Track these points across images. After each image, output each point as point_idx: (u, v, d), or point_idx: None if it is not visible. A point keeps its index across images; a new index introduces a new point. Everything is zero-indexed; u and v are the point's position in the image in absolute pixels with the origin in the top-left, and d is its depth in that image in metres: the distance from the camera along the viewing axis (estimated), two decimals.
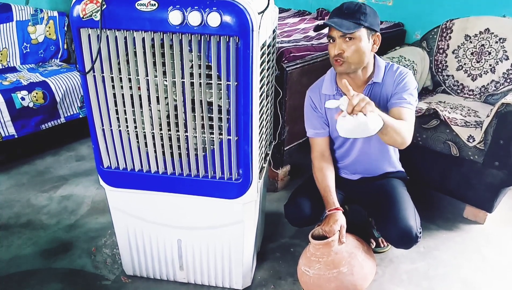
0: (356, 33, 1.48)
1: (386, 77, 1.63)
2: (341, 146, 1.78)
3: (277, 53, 2.05)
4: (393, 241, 1.67)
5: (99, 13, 1.19)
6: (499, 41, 2.41)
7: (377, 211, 1.75)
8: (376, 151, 1.75)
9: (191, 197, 1.49)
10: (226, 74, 1.24)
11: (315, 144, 1.75)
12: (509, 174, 1.91)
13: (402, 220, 1.58)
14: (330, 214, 1.62)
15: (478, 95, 2.50)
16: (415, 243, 1.60)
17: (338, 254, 1.54)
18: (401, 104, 1.56)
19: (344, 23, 1.47)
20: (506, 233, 2.11)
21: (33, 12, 3.05)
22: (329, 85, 1.68)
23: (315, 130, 1.73)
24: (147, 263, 1.72)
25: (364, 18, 1.49)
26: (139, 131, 1.37)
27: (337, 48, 1.51)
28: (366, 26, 1.49)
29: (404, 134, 1.48)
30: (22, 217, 2.16)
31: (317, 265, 1.55)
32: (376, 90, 1.63)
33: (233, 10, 1.15)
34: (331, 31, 1.52)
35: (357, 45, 1.50)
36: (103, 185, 1.52)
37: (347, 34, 1.48)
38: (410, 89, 1.59)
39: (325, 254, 1.55)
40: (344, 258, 1.53)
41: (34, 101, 2.58)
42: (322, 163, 1.73)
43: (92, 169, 2.59)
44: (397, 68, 1.64)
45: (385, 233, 1.68)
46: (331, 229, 1.57)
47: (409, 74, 1.62)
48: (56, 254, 1.90)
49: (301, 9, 3.54)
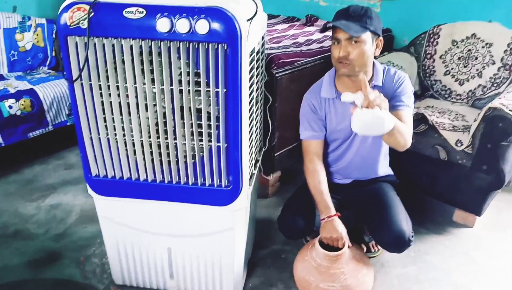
0: (362, 36, 1.50)
1: (386, 81, 1.66)
2: (337, 149, 1.78)
3: (266, 59, 2.06)
4: (386, 246, 1.69)
5: (87, 21, 1.18)
6: (486, 46, 2.44)
7: (369, 216, 1.75)
8: (370, 154, 1.77)
9: (181, 205, 1.48)
10: (215, 81, 1.24)
11: (310, 146, 1.74)
12: (497, 177, 1.93)
13: (395, 224, 1.60)
14: (329, 221, 1.59)
15: (465, 100, 2.53)
16: (408, 247, 1.62)
17: (347, 265, 1.53)
18: (401, 107, 1.60)
19: (351, 26, 1.49)
20: (495, 236, 2.13)
21: (21, 19, 3.02)
22: (328, 88, 1.69)
23: (312, 132, 1.72)
24: (137, 272, 1.71)
25: (370, 22, 1.51)
26: (127, 139, 1.36)
27: (342, 50, 1.52)
28: (372, 30, 1.52)
29: (406, 137, 1.53)
30: (9, 227, 2.13)
31: (326, 277, 1.52)
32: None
33: (221, 18, 1.15)
34: (337, 33, 1.53)
35: (362, 48, 1.52)
36: (91, 193, 1.51)
37: (354, 37, 1.49)
38: (408, 92, 1.64)
39: (334, 265, 1.52)
40: (352, 270, 1.53)
41: (21, 109, 2.55)
42: (316, 166, 1.71)
43: (81, 177, 2.55)
44: (394, 72, 1.68)
45: (378, 238, 1.71)
46: (334, 237, 1.55)
47: (407, 78, 1.67)
48: (45, 264, 1.88)
49: (290, 15, 3.55)
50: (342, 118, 1.69)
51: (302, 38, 2.69)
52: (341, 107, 1.68)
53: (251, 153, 1.53)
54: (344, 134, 1.73)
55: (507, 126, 1.82)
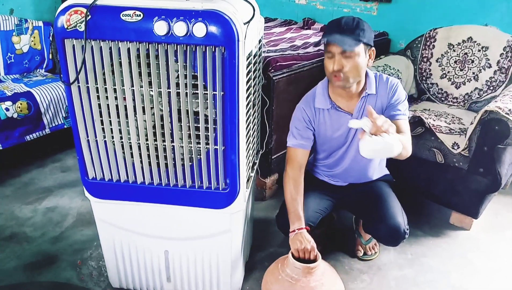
0: (355, 49, 1.50)
1: (379, 88, 1.66)
2: (332, 155, 1.79)
3: (263, 62, 2.06)
4: (382, 238, 1.76)
5: (84, 23, 1.18)
6: (482, 50, 2.45)
7: (365, 212, 1.79)
8: (366, 160, 1.77)
9: (178, 208, 1.48)
10: (212, 84, 1.24)
11: (295, 155, 1.72)
12: (493, 180, 1.94)
13: (390, 217, 1.65)
14: (299, 233, 1.57)
15: (462, 103, 2.54)
16: (403, 239, 1.67)
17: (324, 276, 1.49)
18: (398, 116, 1.63)
19: (345, 40, 1.49)
20: (492, 239, 2.14)
21: (18, 22, 3.02)
22: (322, 99, 1.68)
23: (301, 141, 1.71)
24: (134, 275, 1.70)
25: (363, 34, 1.51)
26: (124, 141, 1.36)
27: (336, 64, 1.52)
28: (365, 42, 1.52)
29: (409, 148, 1.57)
30: (5, 229, 2.12)
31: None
32: (371, 101, 1.65)
33: (218, 21, 1.15)
34: (330, 47, 1.52)
35: (356, 61, 1.52)
36: (88, 196, 1.51)
37: (347, 51, 1.50)
38: (403, 100, 1.66)
39: (312, 277, 1.46)
40: (330, 280, 1.50)
41: (18, 112, 2.54)
42: (296, 176, 1.69)
43: (78, 180, 2.55)
44: (386, 78, 1.68)
45: (374, 231, 1.76)
46: (307, 248, 1.52)
47: (399, 84, 1.68)
48: (41, 267, 1.87)
49: (287, 18, 3.56)
50: (337, 127, 1.70)
51: (299, 41, 2.70)
52: (336, 117, 1.68)
53: (248, 156, 1.53)
54: (339, 142, 1.73)
55: (504, 129, 1.83)
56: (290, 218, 1.63)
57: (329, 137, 1.73)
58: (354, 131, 1.68)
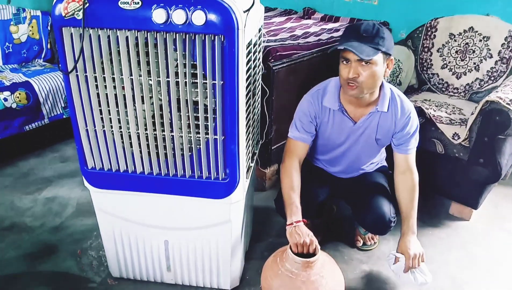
0: (373, 58, 1.44)
1: (391, 108, 1.62)
2: (325, 155, 1.80)
3: (263, 52, 2.04)
4: (368, 227, 1.81)
5: (82, 11, 1.16)
6: (483, 40, 2.43)
7: (354, 201, 1.82)
8: (365, 158, 1.80)
9: (178, 198, 1.47)
10: (211, 73, 1.23)
11: (295, 147, 1.69)
12: (493, 171, 1.94)
13: (376, 207, 1.68)
14: (297, 226, 1.52)
15: (462, 93, 2.53)
16: (389, 228, 1.72)
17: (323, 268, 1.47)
18: (410, 151, 1.67)
19: (364, 49, 1.42)
20: (491, 230, 2.14)
21: (15, 11, 2.99)
22: (332, 99, 1.63)
23: (303, 134, 1.68)
24: (134, 264, 1.71)
25: (382, 42, 1.44)
26: (123, 131, 1.35)
27: (352, 72, 1.46)
28: (383, 51, 1.45)
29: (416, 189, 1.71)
30: (5, 220, 2.12)
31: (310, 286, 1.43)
32: (380, 118, 1.63)
33: (218, 9, 1.14)
34: (347, 54, 1.45)
35: (373, 70, 1.46)
36: (88, 186, 1.50)
37: (365, 59, 1.43)
38: (416, 130, 1.67)
39: (313, 271, 1.45)
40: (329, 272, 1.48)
41: (17, 102, 2.53)
42: (294, 168, 1.66)
43: (77, 170, 2.55)
44: (401, 101, 1.63)
45: (360, 220, 1.80)
46: (306, 242, 1.47)
47: (413, 111, 1.66)
48: (41, 257, 1.87)
49: (287, 8, 3.53)
50: (338, 131, 1.68)
51: (299, 31, 2.68)
52: (339, 120, 1.65)
53: (248, 146, 1.52)
54: (338, 144, 1.73)
55: (504, 120, 1.82)
56: (287, 210, 1.59)
57: (327, 137, 1.72)
58: (353, 137, 1.69)
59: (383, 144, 1.74)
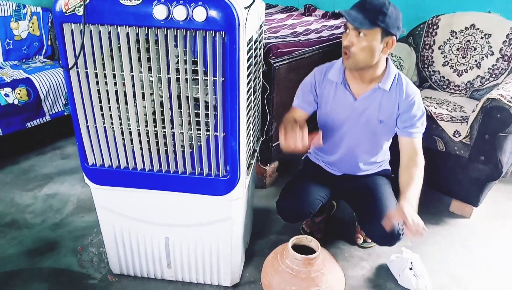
0: (369, 30, 1.44)
1: (394, 88, 1.61)
2: (326, 138, 1.72)
3: (264, 49, 2.04)
4: (376, 240, 1.73)
5: (82, 7, 1.16)
6: (484, 37, 2.43)
7: (360, 209, 1.76)
8: (363, 154, 1.75)
9: (178, 195, 1.47)
10: (212, 70, 1.22)
11: (295, 112, 1.72)
12: (494, 168, 1.94)
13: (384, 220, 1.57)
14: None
15: (463, 91, 2.52)
16: (398, 240, 1.62)
17: (324, 265, 1.49)
18: (415, 134, 1.62)
19: (358, 18, 1.43)
20: (492, 227, 2.14)
21: (16, 7, 2.99)
22: (337, 73, 1.64)
23: (302, 103, 1.71)
24: (134, 261, 1.71)
25: (382, 18, 1.43)
26: (124, 128, 1.35)
27: (347, 40, 1.48)
28: (382, 27, 1.44)
29: (421, 176, 1.62)
30: (6, 216, 2.12)
31: (310, 282, 1.46)
32: (383, 97, 1.61)
33: (219, 5, 1.14)
34: (348, 22, 1.48)
35: (367, 43, 1.46)
36: (88, 183, 1.50)
37: (361, 29, 1.44)
38: (422, 114, 1.62)
39: (313, 268, 1.47)
40: (330, 269, 1.49)
41: (18, 98, 2.53)
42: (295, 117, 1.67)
43: (78, 167, 2.55)
44: (406, 84, 1.62)
45: (368, 231, 1.73)
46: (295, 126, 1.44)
47: (418, 94, 1.63)
48: (41, 253, 1.87)
49: (288, 5, 3.53)
50: (338, 105, 1.66)
51: (300, 28, 2.67)
52: (341, 94, 1.65)
53: (249, 143, 1.52)
54: (337, 122, 1.69)
55: (505, 117, 1.82)
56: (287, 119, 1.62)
57: (327, 112, 1.69)
58: (354, 117, 1.66)
59: (386, 130, 1.68)
